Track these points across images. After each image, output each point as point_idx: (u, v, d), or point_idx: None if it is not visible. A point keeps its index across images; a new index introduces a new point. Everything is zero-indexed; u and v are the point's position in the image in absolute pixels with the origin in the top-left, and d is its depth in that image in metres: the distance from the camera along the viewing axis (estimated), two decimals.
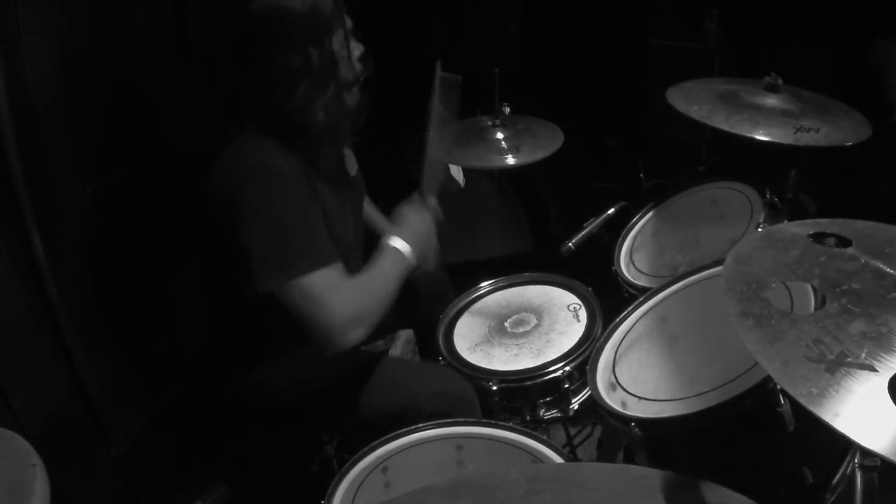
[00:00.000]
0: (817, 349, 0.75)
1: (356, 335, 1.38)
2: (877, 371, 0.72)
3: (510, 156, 1.85)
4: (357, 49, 1.47)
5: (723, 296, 0.85)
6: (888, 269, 0.83)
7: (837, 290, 0.82)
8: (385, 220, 1.81)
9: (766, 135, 1.51)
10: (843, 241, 0.91)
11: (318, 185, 1.44)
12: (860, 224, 0.95)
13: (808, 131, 1.50)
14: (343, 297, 1.36)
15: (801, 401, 0.70)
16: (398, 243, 1.51)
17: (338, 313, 1.35)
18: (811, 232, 0.94)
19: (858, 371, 0.72)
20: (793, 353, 0.75)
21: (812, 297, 1.12)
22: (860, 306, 0.79)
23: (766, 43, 2.35)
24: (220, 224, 1.37)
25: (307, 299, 1.34)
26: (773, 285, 0.86)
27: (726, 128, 1.54)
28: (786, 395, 1.08)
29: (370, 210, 1.84)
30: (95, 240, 1.68)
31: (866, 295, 0.80)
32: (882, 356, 0.73)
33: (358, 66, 1.46)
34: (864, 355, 0.73)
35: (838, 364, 0.73)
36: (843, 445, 0.94)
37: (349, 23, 1.44)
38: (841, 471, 0.98)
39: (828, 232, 0.93)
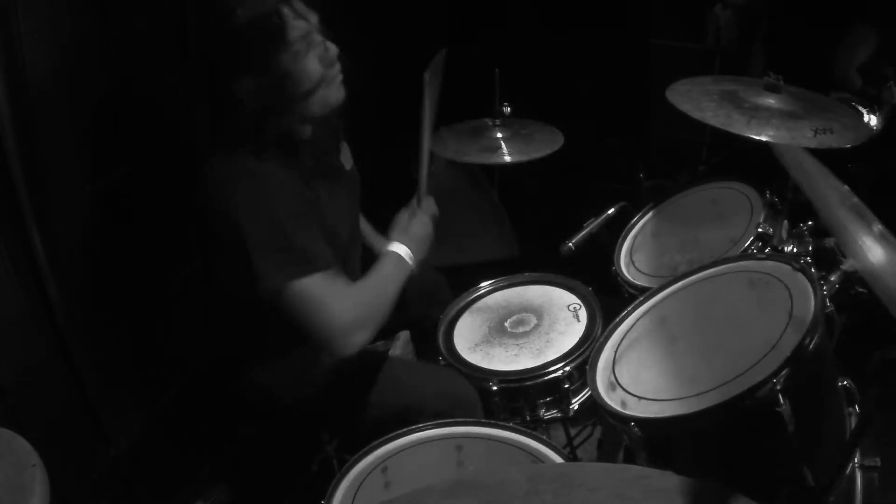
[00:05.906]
0: None
1: (359, 339, 1.38)
2: None
3: (506, 154, 1.84)
4: (328, 49, 1.40)
5: None
6: None
7: None
8: (377, 236, 1.81)
9: (790, 139, 1.48)
10: None
11: (313, 183, 1.44)
12: None
13: (825, 132, 1.49)
14: (343, 301, 1.36)
15: None
16: (400, 249, 1.52)
17: (338, 316, 1.35)
18: None
19: None
20: None
21: None
22: None
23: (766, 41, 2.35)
24: (217, 232, 1.37)
25: (306, 303, 1.34)
26: None
27: (749, 134, 1.50)
28: (785, 395, 1.08)
29: (363, 225, 1.83)
30: (95, 240, 1.68)
31: None
32: None
33: (318, 70, 1.38)
34: None
35: None
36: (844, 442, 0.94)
37: (314, 18, 1.38)
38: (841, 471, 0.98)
39: None
